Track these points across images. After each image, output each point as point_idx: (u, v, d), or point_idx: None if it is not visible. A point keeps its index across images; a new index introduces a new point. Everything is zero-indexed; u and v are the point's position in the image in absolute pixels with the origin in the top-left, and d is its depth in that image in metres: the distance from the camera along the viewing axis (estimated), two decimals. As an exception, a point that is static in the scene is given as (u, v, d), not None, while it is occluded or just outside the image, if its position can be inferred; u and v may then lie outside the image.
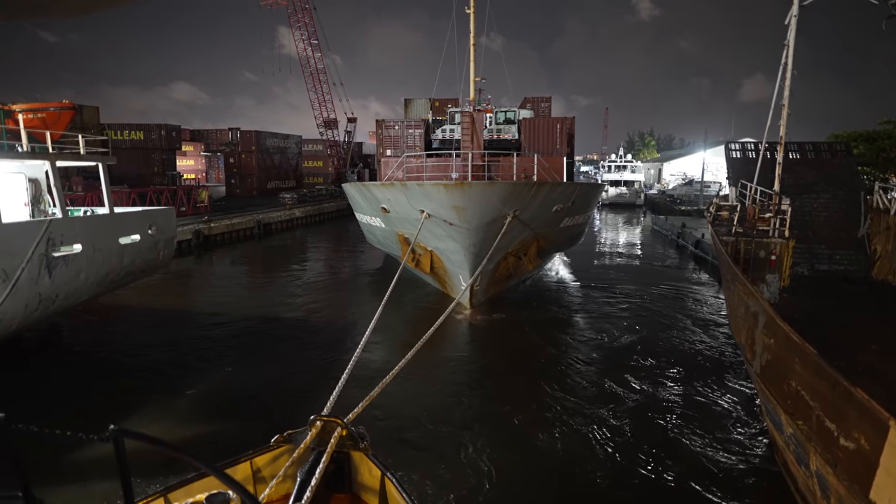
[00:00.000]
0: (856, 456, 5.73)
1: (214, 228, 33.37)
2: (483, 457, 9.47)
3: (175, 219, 16.70)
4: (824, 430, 6.43)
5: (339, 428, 4.40)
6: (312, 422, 4.42)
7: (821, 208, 16.42)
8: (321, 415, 4.52)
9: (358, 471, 4.52)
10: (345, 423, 4.45)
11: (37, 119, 13.55)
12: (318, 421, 4.42)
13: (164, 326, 17.38)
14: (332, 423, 4.43)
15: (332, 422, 4.43)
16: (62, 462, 8.87)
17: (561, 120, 25.65)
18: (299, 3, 52.60)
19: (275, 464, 4.44)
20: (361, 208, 22.58)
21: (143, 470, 7.59)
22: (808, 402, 6.91)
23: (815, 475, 6.79)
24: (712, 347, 15.42)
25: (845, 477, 5.92)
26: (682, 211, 46.11)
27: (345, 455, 4.48)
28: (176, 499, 3.77)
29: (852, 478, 5.77)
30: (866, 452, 5.52)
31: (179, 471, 4.67)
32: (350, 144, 62.34)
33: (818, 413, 6.63)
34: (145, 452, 8.06)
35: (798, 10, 13.16)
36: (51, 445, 8.66)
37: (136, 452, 2.16)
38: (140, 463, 7.60)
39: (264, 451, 4.46)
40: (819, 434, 6.57)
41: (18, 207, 13.33)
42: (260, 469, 4.44)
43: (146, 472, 7.62)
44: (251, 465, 4.41)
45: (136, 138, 44.39)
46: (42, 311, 11.81)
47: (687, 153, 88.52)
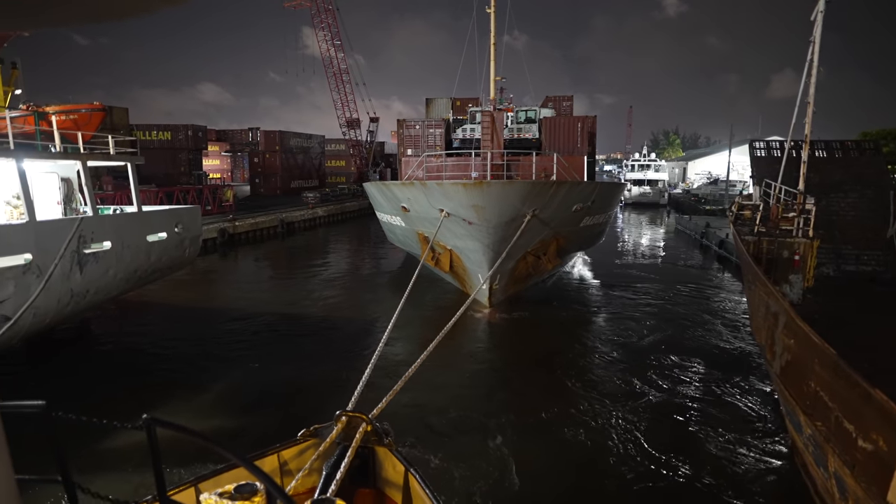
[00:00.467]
0: (874, 457, 5.67)
1: (239, 227, 33.98)
2: (502, 451, 9.57)
3: (200, 217, 17.09)
4: (843, 431, 6.36)
5: (363, 423, 4.47)
6: (338, 417, 4.50)
7: (848, 208, 16.08)
8: (346, 410, 4.59)
9: (382, 466, 4.58)
10: (369, 418, 4.51)
11: (69, 120, 14.04)
12: (344, 416, 4.50)
13: (189, 322, 17.83)
14: (357, 418, 4.50)
15: (357, 417, 4.51)
16: (97, 449, 9.19)
17: (582, 119, 25.51)
18: (323, 4, 53.19)
19: (301, 457, 4.53)
20: (382, 207, 22.79)
21: (173, 460, 7.81)
22: (827, 402, 6.83)
23: (834, 476, 6.72)
24: (734, 348, 15.23)
25: (863, 478, 5.85)
26: (707, 210, 45.41)
27: (369, 450, 4.54)
28: (206, 489, 3.84)
29: (870, 479, 5.71)
30: (884, 454, 5.46)
31: (208, 463, 4.82)
32: (372, 144, 62.82)
33: (837, 414, 6.55)
34: (175, 443, 8.33)
35: (824, 6, 12.92)
36: (85, 433, 8.98)
37: (165, 443, 2.28)
38: (170, 453, 7.87)
39: (291, 444, 4.57)
40: (837, 435, 6.50)
41: (51, 206, 13.82)
42: (286, 462, 4.53)
43: (176, 463, 7.85)
44: (278, 457, 4.51)
45: (164, 138, 45.44)
46: (73, 305, 12.22)
47: (712, 152, 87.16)
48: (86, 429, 8.26)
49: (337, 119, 58.37)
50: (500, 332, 16.99)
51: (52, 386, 12.04)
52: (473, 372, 13.74)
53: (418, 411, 10.99)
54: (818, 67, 13.19)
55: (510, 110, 27.42)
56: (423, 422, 10.63)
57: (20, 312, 10.69)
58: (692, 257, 31.25)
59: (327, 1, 53.27)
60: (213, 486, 3.80)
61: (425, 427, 10.44)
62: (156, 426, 2.23)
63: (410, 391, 11.44)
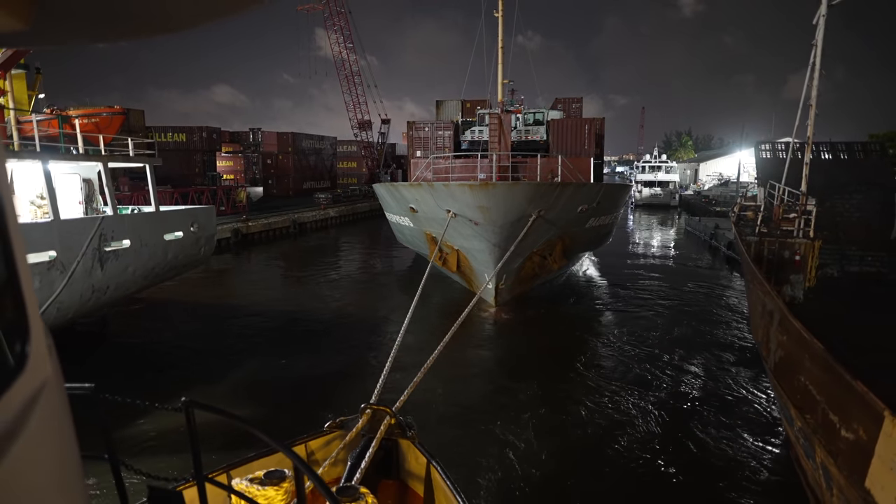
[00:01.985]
0: (854, 447, 5.92)
1: (252, 227, 34.57)
2: (505, 444, 9.87)
3: (215, 217, 17.60)
4: (828, 422, 6.61)
5: (388, 417, 4.64)
6: (363, 410, 4.69)
7: (853, 209, 16.16)
8: (371, 403, 4.79)
9: (405, 458, 4.74)
10: (393, 412, 4.69)
11: (91, 124, 14.59)
12: (368, 409, 4.70)
13: (206, 319, 18.33)
14: (381, 411, 4.69)
15: (381, 410, 4.69)
16: (137, 431, 9.79)
17: (589, 121, 25.72)
18: (335, 7, 53.75)
19: (327, 447, 4.73)
20: (391, 208, 23.19)
21: (203, 447, 8.24)
22: (815, 396, 7.08)
23: (821, 467, 6.97)
24: (738, 347, 15.41)
25: (845, 467, 6.11)
26: (717, 212, 45.30)
27: (393, 442, 4.70)
28: (237, 475, 4.12)
29: (851, 468, 5.96)
30: (864, 443, 5.71)
31: (237, 450, 5.07)
32: (384, 145, 63.27)
33: (823, 406, 6.81)
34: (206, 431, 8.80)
35: (826, 10, 13.09)
36: (123, 417, 9.50)
37: (200, 429, 2.48)
38: (202, 438, 8.28)
39: (318, 435, 4.78)
40: (824, 427, 6.75)
41: (73, 205, 14.38)
42: (313, 452, 4.73)
43: (206, 449, 8.28)
44: (305, 447, 4.71)
45: (179, 140, 46.21)
46: (94, 301, 12.75)
47: (724, 153, 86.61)
48: (126, 412, 8.73)
49: (349, 121, 58.93)
50: (506, 330, 17.29)
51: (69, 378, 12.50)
52: (478, 369, 14.06)
53: (426, 405, 11.31)
54: (822, 71, 13.36)
55: (518, 112, 27.70)
56: (430, 414, 10.95)
57: (45, 307, 11.20)
58: (701, 258, 31.30)
59: (339, 4, 53.83)
60: (244, 473, 4.08)
61: (433, 419, 10.76)
62: (194, 408, 2.37)
63: (421, 386, 11.86)
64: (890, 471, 5.18)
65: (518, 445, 9.91)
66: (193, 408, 2.36)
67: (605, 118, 28.19)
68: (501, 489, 8.70)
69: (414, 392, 6.23)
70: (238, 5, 1.55)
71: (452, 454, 9.53)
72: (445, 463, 4.52)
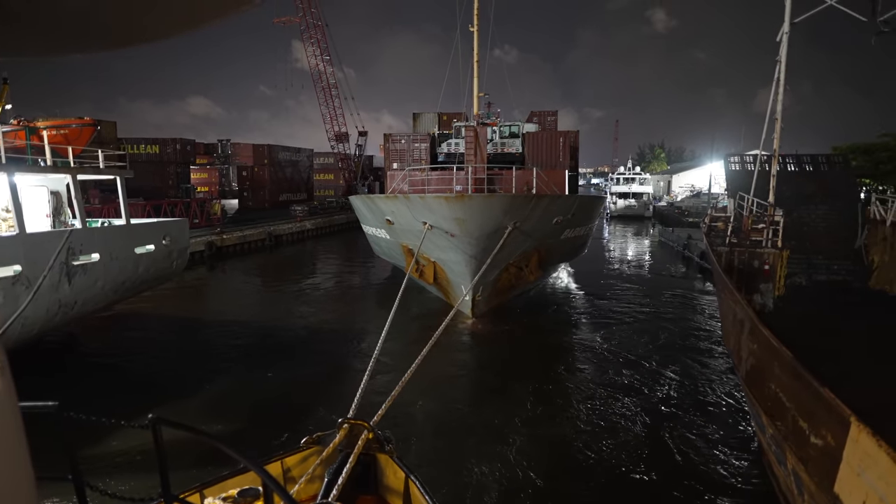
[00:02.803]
0: (823, 452, 6.04)
1: (227, 240, 34.10)
2: (482, 456, 9.82)
3: (188, 230, 17.33)
4: (798, 429, 6.73)
5: (365, 431, 4.56)
6: (340, 424, 4.60)
7: (819, 219, 16.64)
8: (348, 418, 4.68)
9: (383, 473, 4.66)
10: (371, 426, 4.61)
11: (60, 135, 14.26)
12: (346, 424, 4.60)
13: (177, 333, 17.95)
14: (359, 426, 4.60)
15: (358, 425, 4.60)
16: (103, 450, 9.44)
17: (564, 133, 26.08)
18: (312, 21, 53.74)
19: (304, 464, 4.61)
20: (367, 220, 23.12)
21: (175, 465, 7.96)
22: (786, 403, 7.22)
23: (792, 473, 7.09)
24: (710, 355, 15.65)
25: (815, 473, 6.22)
26: (690, 223, 46.19)
27: (371, 457, 4.62)
28: (211, 494, 3.97)
29: (821, 473, 6.07)
30: (832, 448, 5.83)
31: (211, 468, 4.88)
32: (361, 157, 63.13)
33: (793, 413, 6.94)
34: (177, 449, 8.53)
35: (789, 28, 13.56)
36: (90, 435, 9.16)
37: (170, 447, 2.40)
38: (173, 457, 8.03)
39: (294, 451, 4.66)
40: (794, 433, 6.87)
41: (41, 218, 14.01)
42: (290, 469, 4.61)
43: (178, 468, 8.00)
44: (282, 464, 4.58)
45: (152, 152, 45.48)
46: (61, 316, 12.40)
47: (696, 165, 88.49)
48: (92, 430, 8.36)
49: (326, 133, 58.74)
50: (484, 342, 17.28)
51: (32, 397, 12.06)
52: (456, 381, 14.01)
53: (405, 418, 11.22)
54: (786, 86, 13.80)
55: (494, 125, 27.96)
56: (409, 428, 10.86)
57: (8, 323, 10.86)
58: (675, 268, 31.82)
59: (316, 17, 53.83)
60: (218, 492, 3.94)
61: (411, 432, 10.67)
62: (161, 425, 2.28)
63: (397, 399, 11.73)
64: (857, 476, 5.29)
65: (497, 458, 9.88)
66: (161, 425, 2.28)
67: (579, 131, 28.66)
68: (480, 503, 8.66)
69: (393, 406, 6.17)
70: (208, 17, 1.53)
71: (431, 468, 9.47)
72: (424, 477, 4.48)
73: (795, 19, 13.44)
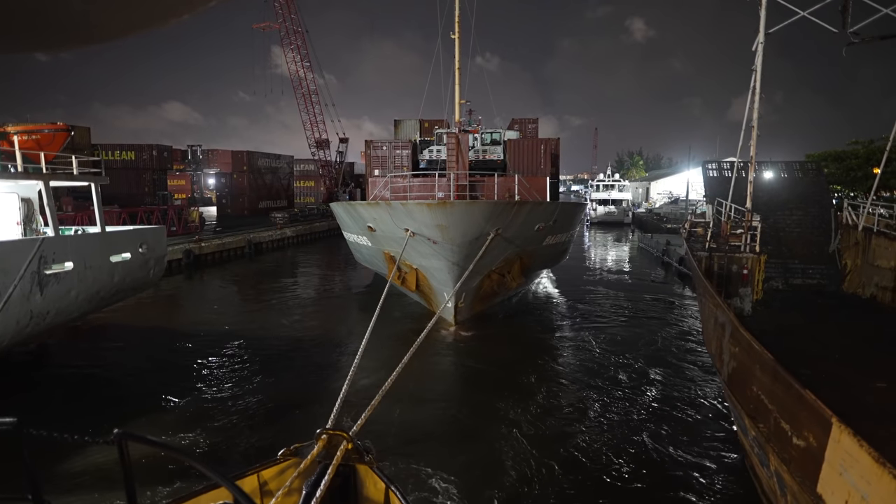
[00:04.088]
0: (806, 453, 6.10)
1: (205, 248, 33.57)
2: (465, 464, 9.75)
3: (165, 238, 16.99)
4: (780, 430, 6.80)
5: (344, 441, 4.43)
6: (318, 435, 4.46)
7: (794, 225, 16.97)
8: (327, 428, 4.56)
9: (363, 484, 4.55)
10: (350, 436, 4.48)
11: (31, 140, 13.89)
12: (324, 434, 4.47)
13: (153, 345, 17.53)
14: (337, 436, 4.47)
15: (337, 435, 4.47)
16: (70, 468, 9.02)
17: (545, 141, 26.27)
18: (291, 27, 53.54)
19: (281, 477, 4.48)
20: (349, 227, 22.95)
21: (147, 481, 7.66)
22: (767, 405, 7.29)
23: (775, 475, 7.15)
24: (691, 359, 15.81)
25: (798, 474, 6.28)
26: (668, 229, 46.84)
27: (350, 468, 4.50)
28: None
29: (804, 474, 6.13)
30: (814, 449, 5.89)
31: (184, 484, 4.72)
32: (342, 164, 62.91)
33: (775, 415, 7.00)
34: (149, 464, 8.21)
35: (764, 38, 13.84)
36: (56, 452, 8.76)
37: (141, 463, 2.29)
38: (143, 475, 7.74)
39: (271, 464, 4.51)
40: (776, 435, 6.94)
41: (10, 226, 13.61)
42: (266, 482, 4.47)
43: (149, 484, 7.70)
44: (258, 477, 4.45)
45: (128, 158, 44.74)
46: (33, 327, 12.02)
47: (674, 172, 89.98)
48: (57, 447, 8.00)
49: (306, 139, 58.42)
50: (466, 349, 17.21)
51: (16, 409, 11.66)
52: (439, 388, 13.94)
53: (385, 426, 11.10)
54: (761, 95, 14.08)
55: (476, 132, 28.06)
56: (390, 436, 10.73)
57: (-23, 334, 10.50)
58: (654, 273, 32.17)
59: (296, 23, 53.67)
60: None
61: (391, 441, 10.53)
62: (127, 440, 2.20)
63: (380, 408, 11.58)
64: (840, 476, 5.35)
65: (479, 465, 9.82)
66: (127, 440, 2.20)
67: (560, 138, 28.90)
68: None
69: (374, 414, 6.06)
70: (161, 17, 1.47)
71: (412, 477, 9.35)
72: (405, 487, 4.39)
73: (770, 30, 13.73)
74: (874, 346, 9.99)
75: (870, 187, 19.93)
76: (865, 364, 8.95)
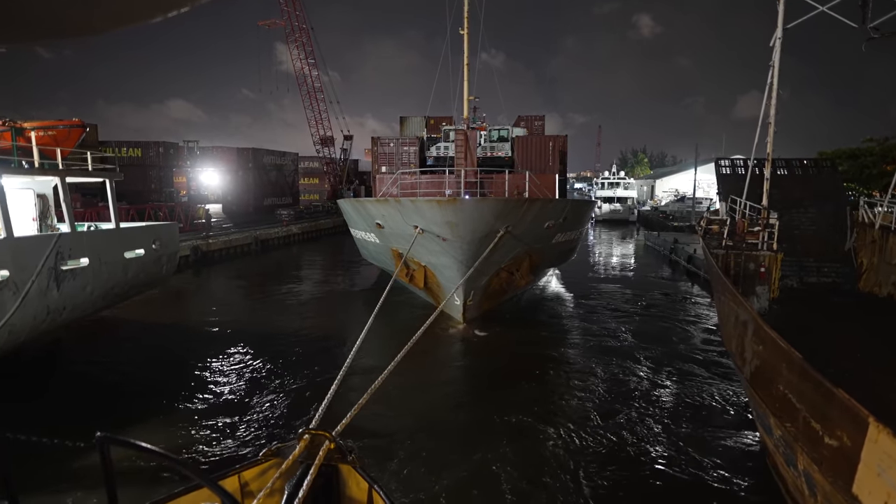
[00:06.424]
0: (839, 453, 6.04)
1: (213, 245, 33.59)
2: (471, 465, 9.67)
3: (178, 234, 16.98)
4: (810, 430, 6.74)
5: (327, 441, 4.41)
6: (300, 435, 4.44)
7: (809, 223, 16.89)
8: (309, 428, 4.54)
9: (346, 484, 4.53)
10: (333, 436, 4.46)
11: (47, 136, 13.88)
12: (307, 434, 4.45)
13: (160, 340, 17.46)
14: (320, 436, 4.44)
15: (320, 435, 4.45)
16: (51, 472, 8.73)
17: (553, 138, 26.18)
18: (297, 24, 53.45)
19: (262, 477, 4.43)
20: (356, 224, 22.90)
21: (132, 482, 7.62)
22: (795, 404, 7.23)
23: (803, 474, 7.09)
24: (705, 357, 15.73)
25: (830, 473, 6.22)
26: (675, 227, 46.72)
27: (333, 468, 4.49)
28: None
29: (836, 474, 6.07)
30: (848, 449, 5.83)
31: (168, 485, 4.67)
32: (346, 162, 62.87)
33: (804, 414, 6.94)
34: (135, 466, 8.10)
35: (782, 33, 13.74)
36: (39, 455, 8.60)
37: (127, 465, 2.25)
38: (129, 475, 7.66)
39: (252, 464, 4.48)
40: (805, 434, 6.88)
41: (27, 222, 13.61)
42: (248, 483, 4.43)
43: (134, 485, 7.67)
44: (239, 478, 4.40)
45: (134, 155, 44.77)
46: (49, 323, 12.01)
47: (679, 170, 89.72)
48: (38, 451, 7.85)
49: (311, 137, 58.37)
50: (475, 347, 17.11)
51: (14, 406, 11.50)
52: (447, 386, 13.84)
53: (392, 426, 11.01)
54: (778, 91, 13.98)
55: (483, 129, 27.98)
56: (395, 436, 10.62)
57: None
58: (662, 272, 32.09)
59: (301, 20, 53.58)
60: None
61: (396, 441, 10.42)
62: (109, 444, 2.16)
63: (386, 406, 11.53)
64: (878, 476, 5.29)
65: (488, 465, 9.74)
66: (109, 444, 2.15)
67: (567, 135, 28.81)
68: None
69: (381, 414, 5.97)
70: (150, 12, 1.43)
71: (415, 476, 9.24)
72: (389, 487, 4.35)
73: (787, 25, 13.63)
74: (893, 345, 9.94)
75: (886, 185, 19.84)
76: (885, 363, 8.90)
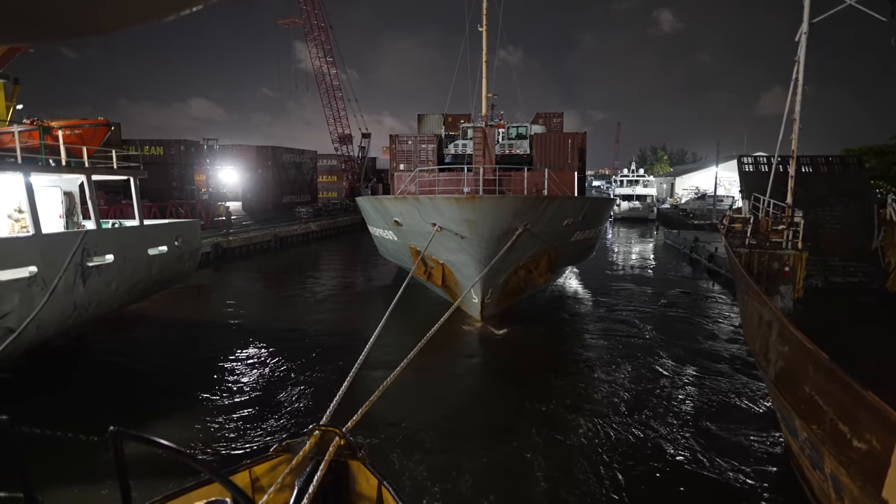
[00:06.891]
0: (868, 456, 5.92)
1: (233, 242, 33.99)
2: (489, 463, 9.64)
3: (200, 231, 17.20)
4: (838, 432, 6.61)
5: (337, 437, 4.43)
6: (311, 431, 4.47)
7: (834, 221, 16.53)
8: (320, 424, 4.58)
9: (356, 480, 4.55)
10: (343, 432, 4.48)
11: (74, 135, 14.15)
12: (317, 430, 4.47)
13: (181, 335, 17.67)
14: (330, 432, 4.47)
15: (330, 431, 4.47)
16: (65, 465, 8.73)
17: (572, 135, 25.97)
18: (316, 22, 53.82)
19: (273, 473, 4.47)
20: (374, 221, 22.98)
21: (144, 476, 7.63)
22: (822, 406, 7.09)
23: (830, 478, 6.96)
24: (727, 357, 15.53)
25: (859, 477, 6.10)
26: (695, 225, 46.11)
27: (342, 464, 4.50)
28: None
29: (865, 477, 5.95)
30: (878, 452, 5.71)
31: (180, 479, 4.72)
32: (364, 159, 63.20)
33: (831, 417, 6.81)
34: (147, 459, 8.16)
35: (808, 28, 13.46)
36: (54, 448, 8.76)
37: (139, 459, 2.29)
38: (141, 469, 7.76)
39: (263, 460, 4.51)
40: (833, 437, 6.74)
41: (54, 219, 13.91)
42: (258, 478, 4.46)
43: (146, 479, 7.72)
44: (250, 473, 4.44)
45: (156, 153, 45.43)
46: (76, 318, 12.27)
47: (700, 168, 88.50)
48: (53, 444, 7.97)
49: (329, 135, 58.79)
50: (492, 344, 17.07)
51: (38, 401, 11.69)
52: (463, 383, 13.84)
53: (406, 422, 11.01)
54: (804, 86, 13.70)
55: (501, 126, 27.86)
56: (410, 434, 10.60)
57: (24, 325, 10.73)
58: (682, 270, 31.72)
59: (320, 19, 53.95)
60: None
61: (410, 439, 10.41)
62: (122, 439, 2.20)
63: (400, 402, 11.55)
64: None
65: (503, 463, 9.70)
66: (122, 438, 2.19)
67: (586, 133, 28.55)
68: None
69: (395, 411, 5.98)
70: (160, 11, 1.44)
71: (433, 475, 9.17)
72: (399, 483, 4.35)
73: (814, 19, 13.35)
74: None
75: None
76: None
